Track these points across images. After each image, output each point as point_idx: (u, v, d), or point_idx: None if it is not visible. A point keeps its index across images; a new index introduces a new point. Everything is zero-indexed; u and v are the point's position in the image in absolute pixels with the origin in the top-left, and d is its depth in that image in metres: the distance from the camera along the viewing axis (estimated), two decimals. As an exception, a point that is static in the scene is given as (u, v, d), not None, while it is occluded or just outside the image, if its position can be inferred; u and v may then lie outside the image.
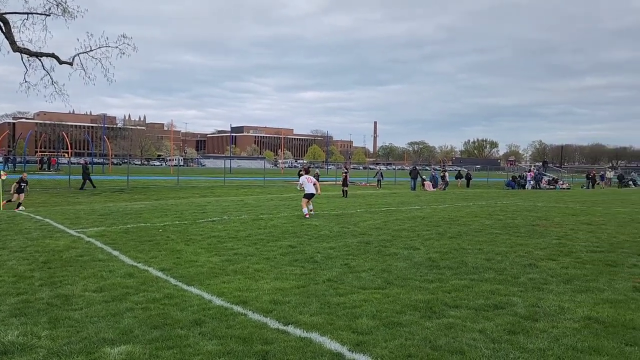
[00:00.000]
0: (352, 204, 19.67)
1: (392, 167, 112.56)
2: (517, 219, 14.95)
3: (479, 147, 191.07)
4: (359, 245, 9.70)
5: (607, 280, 6.95)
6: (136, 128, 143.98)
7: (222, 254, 8.52)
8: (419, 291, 6.27)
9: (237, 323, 4.97)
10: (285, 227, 12.22)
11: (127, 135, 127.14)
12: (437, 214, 16.19)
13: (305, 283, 6.61)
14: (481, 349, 4.35)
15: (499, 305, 5.66)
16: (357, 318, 5.16)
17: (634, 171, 70.80)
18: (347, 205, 18.97)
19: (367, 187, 36.57)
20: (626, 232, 12.11)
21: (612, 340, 4.58)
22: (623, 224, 14.12)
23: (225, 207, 17.49)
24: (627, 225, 13.79)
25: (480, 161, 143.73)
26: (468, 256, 8.64)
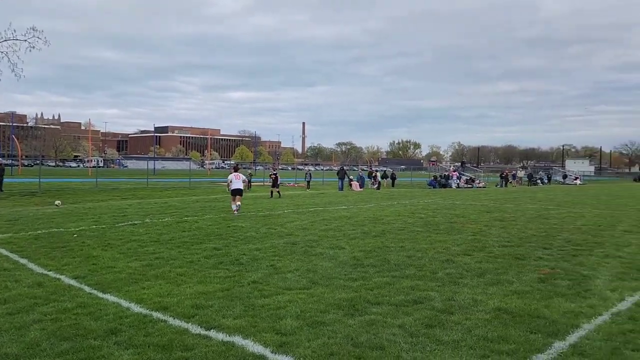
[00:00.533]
0: (279, 205, 19.65)
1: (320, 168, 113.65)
2: (437, 216, 15.61)
3: (403, 148, 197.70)
4: (285, 246, 9.70)
5: (516, 272, 7.43)
6: (50, 127, 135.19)
7: (143, 259, 8.21)
8: (342, 290, 6.38)
9: (156, 330, 4.80)
10: (211, 229, 11.98)
11: (40, 135, 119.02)
12: (363, 213, 16.55)
13: (229, 286, 6.52)
14: (400, 344, 4.49)
15: (418, 300, 5.88)
16: (281, 319, 5.16)
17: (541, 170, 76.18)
18: (274, 206, 18.92)
19: (296, 188, 36.68)
20: (534, 227, 13.01)
21: (519, 329, 4.90)
22: (531, 219, 15.16)
23: (147, 209, 16.86)
24: (535, 220, 14.83)
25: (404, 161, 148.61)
26: (391, 254, 8.91)
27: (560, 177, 65.77)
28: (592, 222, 14.64)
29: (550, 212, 17.80)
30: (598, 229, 12.83)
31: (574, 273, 7.43)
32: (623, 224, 14.23)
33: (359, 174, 41.38)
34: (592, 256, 8.88)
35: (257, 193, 27.47)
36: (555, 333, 4.80)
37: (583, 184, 59.41)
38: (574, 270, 7.66)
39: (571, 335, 4.73)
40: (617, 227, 13.43)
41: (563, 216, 16.35)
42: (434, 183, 42.36)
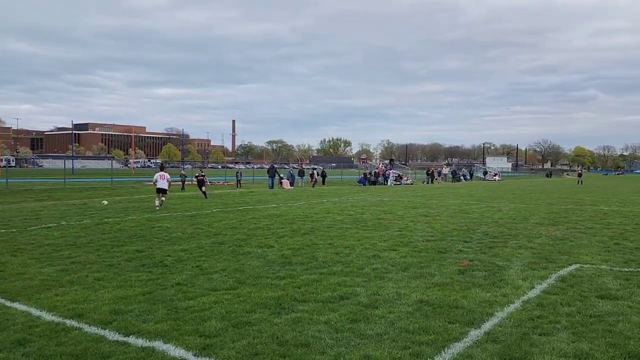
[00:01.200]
0: (207, 204, 19.24)
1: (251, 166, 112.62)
2: (365, 213, 15.94)
3: (334, 146, 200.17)
4: (212, 246, 9.51)
5: (438, 265, 7.73)
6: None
7: (57, 264, 7.73)
8: (270, 289, 6.34)
9: (69, 339, 4.53)
10: (133, 230, 11.51)
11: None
12: (293, 211, 16.57)
13: (152, 289, 6.29)
14: (325, 340, 4.53)
15: (344, 296, 5.97)
16: (205, 321, 5.05)
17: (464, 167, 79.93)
18: (202, 206, 18.50)
19: (226, 187, 36.09)
20: (455, 222, 13.60)
21: (439, 320, 5.10)
22: (453, 214, 15.85)
23: (64, 211, 15.93)
24: (457, 215, 15.52)
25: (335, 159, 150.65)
26: (319, 251, 8.97)
27: (481, 174, 69.37)
28: (508, 215, 15.54)
29: (471, 207, 18.71)
30: (513, 222, 13.64)
31: (490, 264, 7.84)
32: (535, 216, 15.22)
33: (289, 172, 41.41)
34: (507, 248, 9.42)
35: (188, 192, 26.75)
36: (472, 322, 5.04)
37: (501, 180, 63.02)
38: (490, 261, 8.09)
39: (486, 324, 4.98)
40: (529, 220, 14.34)
41: (482, 210, 17.24)
42: (364, 180, 43.23)
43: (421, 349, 4.32)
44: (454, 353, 4.25)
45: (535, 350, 4.28)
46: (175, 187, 26.38)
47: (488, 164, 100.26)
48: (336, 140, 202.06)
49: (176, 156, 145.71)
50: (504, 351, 4.27)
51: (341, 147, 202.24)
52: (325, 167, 58.58)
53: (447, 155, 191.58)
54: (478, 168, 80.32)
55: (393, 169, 54.58)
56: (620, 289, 6.30)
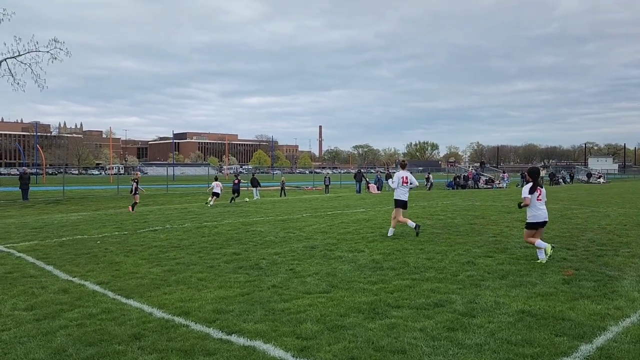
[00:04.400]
0: (297, 209, 19.68)
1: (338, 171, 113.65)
2: (456, 218, 15.46)
3: (420, 150, 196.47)
4: (304, 249, 9.71)
5: (539, 274, 7.31)
6: (72, 136, 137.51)
7: (164, 264, 8.29)
8: (362, 293, 6.35)
9: (178, 335, 4.84)
10: (230, 234, 12.06)
11: (63, 144, 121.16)
12: (381, 215, 16.48)
13: (249, 290, 6.54)
14: (422, 347, 4.45)
15: (439, 303, 5.82)
16: (301, 323, 5.16)
17: (563, 169, 74.96)
18: (292, 210, 18.96)
19: (314, 192, 36.69)
20: (556, 228, 12.78)
21: (544, 332, 4.82)
22: (554, 219, 14.89)
23: (168, 215, 17.05)
24: (558, 220, 14.57)
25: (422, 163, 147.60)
26: (410, 256, 8.84)
27: (584, 176, 64.59)
28: (617, 221, 14.34)
29: (574, 212, 17.49)
30: (624, 229, 12.56)
31: (599, 274, 7.28)
32: (649, 223, 13.90)
33: (376, 177, 41.24)
34: (618, 256, 8.69)
35: (270, 197, 27.54)
36: (582, 336, 4.70)
37: (607, 183, 58.26)
38: (599, 271, 7.50)
39: (598, 338, 4.63)
40: (643, 226, 13.13)
41: (587, 216, 16.05)
42: (453, 184, 42.00)
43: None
44: (562, 368, 4.00)
45: (657, 370, 3.91)
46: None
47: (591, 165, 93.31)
48: (422, 144, 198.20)
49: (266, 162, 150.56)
50: (620, 369, 3.95)
51: (428, 150, 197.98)
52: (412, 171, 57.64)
53: (544, 156, 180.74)
54: (579, 170, 74.92)
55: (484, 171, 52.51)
56: None
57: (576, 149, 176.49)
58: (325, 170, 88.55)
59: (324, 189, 37.29)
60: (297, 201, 24.91)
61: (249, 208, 20.39)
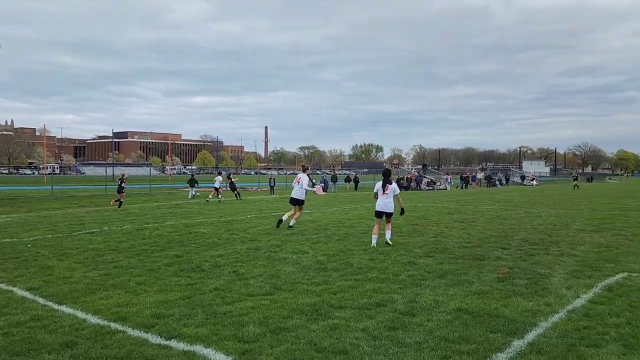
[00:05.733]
0: (242, 210, 19.46)
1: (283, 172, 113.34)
2: (399, 219, 15.77)
3: (365, 152, 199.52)
4: (248, 251, 9.60)
5: (476, 273, 7.58)
6: (2, 133, 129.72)
7: (101, 268, 7.95)
8: (306, 294, 6.35)
9: (114, 342, 4.65)
10: (172, 236, 11.74)
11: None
12: (326, 217, 16.58)
13: (191, 293, 6.39)
14: (363, 347, 4.50)
15: (380, 303, 5.92)
16: (243, 326, 5.09)
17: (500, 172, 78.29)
18: (237, 212, 18.73)
19: (259, 193, 36.43)
20: (492, 228, 13.33)
21: (479, 329, 4.99)
22: (490, 220, 15.53)
23: (106, 217, 16.40)
24: (493, 221, 15.20)
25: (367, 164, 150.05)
26: (354, 257, 8.94)
27: (518, 179, 67.76)
28: (548, 221, 15.13)
29: (509, 213, 18.30)
30: (554, 228, 13.26)
31: (531, 272, 7.64)
32: (577, 223, 14.75)
33: (322, 178, 41.48)
34: (549, 255, 9.16)
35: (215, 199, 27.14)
36: (514, 332, 4.91)
37: (539, 185, 61.40)
38: (531, 269, 7.88)
39: (529, 334, 4.85)
40: (571, 226, 13.91)
41: (520, 216, 16.83)
42: (397, 186, 42.91)
43: (462, 359, 4.24)
44: (496, 363, 4.15)
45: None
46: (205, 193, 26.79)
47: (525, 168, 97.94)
48: (368, 146, 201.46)
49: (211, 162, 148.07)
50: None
51: (373, 152, 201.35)
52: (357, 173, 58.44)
53: (482, 159, 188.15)
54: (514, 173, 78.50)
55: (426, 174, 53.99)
56: (670, 299, 6.03)
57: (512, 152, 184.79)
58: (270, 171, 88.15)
59: (269, 190, 37.09)
60: (242, 202, 24.64)
61: (192, 209, 19.97)
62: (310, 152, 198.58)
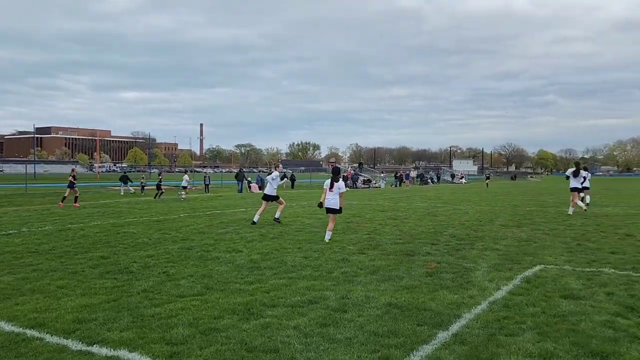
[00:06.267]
0: (175, 209, 18.95)
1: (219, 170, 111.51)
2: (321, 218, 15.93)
3: (302, 149, 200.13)
4: (180, 251, 9.35)
5: (406, 268, 7.80)
6: None
7: (17, 272, 7.46)
8: (238, 294, 6.27)
9: (29, 350, 4.37)
10: (98, 236, 11.22)
11: None
12: (262, 215, 16.44)
13: (117, 296, 6.13)
14: (294, 345, 4.50)
15: (313, 301, 5.94)
16: (172, 328, 4.95)
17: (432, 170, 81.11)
18: (169, 211, 18.20)
19: (193, 191, 35.61)
20: (423, 224, 13.77)
21: (407, 322, 5.13)
22: (421, 217, 16.05)
23: (25, 217, 15.41)
24: (425, 218, 15.72)
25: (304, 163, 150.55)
26: (288, 255, 8.93)
27: (449, 177, 70.52)
28: (475, 218, 15.83)
29: (439, 210, 18.98)
30: (479, 224, 13.90)
31: (457, 266, 7.96)
32: (500, 218, 15.54)
33: (258, 176, 41.20)
34: (474, 249, 9.58)
35: (149, 197, 26.25)
36: (440, 324, 5.09)
37: (468, 183, 64.18)
38: (457, 263, 8.21)
39: (454, 325, 5.04)
40: (495, 222, 14.63)
41: (450, 213, 17.51)
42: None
43: (390, 352, 4.34)
44: (422, 355, 4.28)
45: (502, 351, 4.35)
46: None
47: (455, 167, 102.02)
48: (305, 144, 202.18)
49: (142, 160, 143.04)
50: (471, 352, 4.33)
51: (310, 150, 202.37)
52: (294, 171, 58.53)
53: (415, 158, 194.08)
54: (445, 171, 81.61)
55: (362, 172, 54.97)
56: (582, 289, 6.48)
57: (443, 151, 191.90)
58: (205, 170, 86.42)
59: (204, 189, 36.35)
60: (175, 201, 23.98)
61: (121, 208, 19.19)
62: (247, 150, 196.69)
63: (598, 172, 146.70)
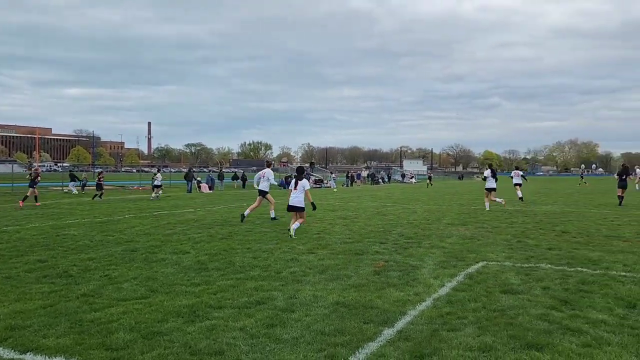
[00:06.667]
0: (120, 210, 18.35)
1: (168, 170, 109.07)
2: (284, 217, 15.91)
3: (254, 150, 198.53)
4: (123, 253, 9.06)
5: (355, 267, 7.87)
6: None
7: (-56, 278, 6.99)
8: (184, 296, 6.14)
9: (-45, 360, 4.11)
10: (35, 239, 10.70)
11: None
12: (211, 216, 16.21)
13: (54, 301, 5.86)
14: (240, 346, 4.45)
15: (261, 301, 5.90)
16: (112, 333, 4.77)
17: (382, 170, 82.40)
18: (114, 211, 17.61)
19: (140, 191, 34.61)
20: (372, 224, 13.96)
21: (354, 321, 5.18)
22: (371, 216, 16.27)
23: (-45, 220, 14.49)
24: (374, 217, 15.94)
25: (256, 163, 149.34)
26: (236, 256, 8.83)
27: (399, 177, 71.89)
28: (422, 217, 16.20)
29: (388, 209, 19.30)
30: (427, 223, 14.23)
31: (404, 264, 8.11)
32: (447, 217, 15.98)
33: (208, 176, 40.56)
34: (421, 248, 9.79)
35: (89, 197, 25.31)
36: (386, 321, 5.16)
37: (417, 182, 65.63)
38: (405, 261, 8.36)
39: (399, 322, 5.13)
40: (442, 220, 15.03)
41: (399, 212, 17.83)
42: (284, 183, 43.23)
43: (336, 351, 4.36)
44: (367, 353, 4.33)
45: (444, 346, 4.47)
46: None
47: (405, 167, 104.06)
48: (257, 144, 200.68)
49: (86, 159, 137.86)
50: (414, 348, 4.42)
51: (262, 150, 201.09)
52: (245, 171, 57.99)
53: (366, 158, 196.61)
54: (396, 171, 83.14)
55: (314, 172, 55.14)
56: (521, 284, 6.75)
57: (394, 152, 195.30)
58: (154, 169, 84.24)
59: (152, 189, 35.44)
60: (121, 201, 23.25)
61: (62, 209, 18.39)
62: (198, 149, 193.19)
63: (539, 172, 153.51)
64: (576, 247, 9.89)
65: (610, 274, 7.39)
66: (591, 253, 9.15)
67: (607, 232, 12.05)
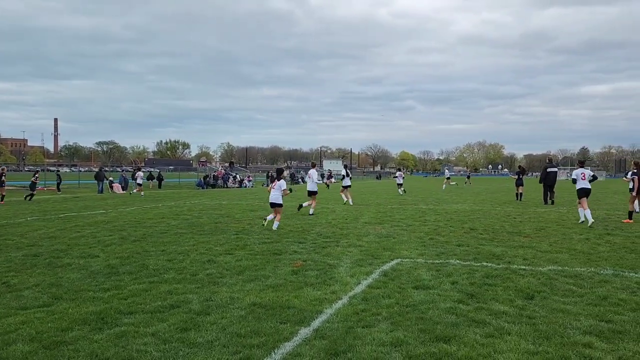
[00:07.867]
0: (22, 212, 17.02)
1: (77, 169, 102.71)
2: (202, 217, 15.57)
3: (171, 148, 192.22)
4: (24, 258, 8.42)
5: (273, 267, 7.86)
6: None
7: None
8: (91, 302, 5.81)
9: None
10: None
11: None
12: (123, 217, 15.49)
13: (-60, 314, 5.31)
14: (151, 353, 4.28)
15: (175, 305, 5.72)
16: (9, 345, 4.42)
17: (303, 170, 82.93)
18: (15, 214, 16.31)
19: (45, 192, 32.33)
20: (291, 223, 14.00)
21: (271, 321, 5.17)
22: (290, 216, 16.30)
23: None
24: (293, 217, 15.99)
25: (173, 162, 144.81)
26: (150, 259, 8.50)
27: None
28: (341, 216, 16.49)
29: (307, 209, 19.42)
30: (345, 222, 14.50)
31: (322, 263, 8.20)
32: (365, 216, 16.38)
33: (121, 176, 38.74)
34: (338, 247, 9.96)
35: None
36: (302, 320, 5.20)
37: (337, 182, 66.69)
38: (322, 260, 8.47)
39: (315, 321, 5.18)
40: (360, 219, 15.39)
41: (317, 212, 18.02)
42: (202, 183, 42.27)
43: (252, 352, 4.33)
44: (283, 353, 4.33)
45: (358, 343, 4.57)
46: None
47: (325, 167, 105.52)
48: (174, 142, 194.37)
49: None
50: (330, 346, 4.48)
51: (179, 149, 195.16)
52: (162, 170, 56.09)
53: (287, 158, 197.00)
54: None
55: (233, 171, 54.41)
56: (432, 280, 7.07)
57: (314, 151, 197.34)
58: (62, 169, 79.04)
59: (57, 188, 33.21)
60: (22, 203, 21.57)
61: (-47, 212, 16.73)
62: (110, 147, 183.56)
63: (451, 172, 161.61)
64: (482, 243, 10.52)
65: (512, 267, 7.94)
66: (495, 248, 9.78)
67: (510, 229, 12.94)
